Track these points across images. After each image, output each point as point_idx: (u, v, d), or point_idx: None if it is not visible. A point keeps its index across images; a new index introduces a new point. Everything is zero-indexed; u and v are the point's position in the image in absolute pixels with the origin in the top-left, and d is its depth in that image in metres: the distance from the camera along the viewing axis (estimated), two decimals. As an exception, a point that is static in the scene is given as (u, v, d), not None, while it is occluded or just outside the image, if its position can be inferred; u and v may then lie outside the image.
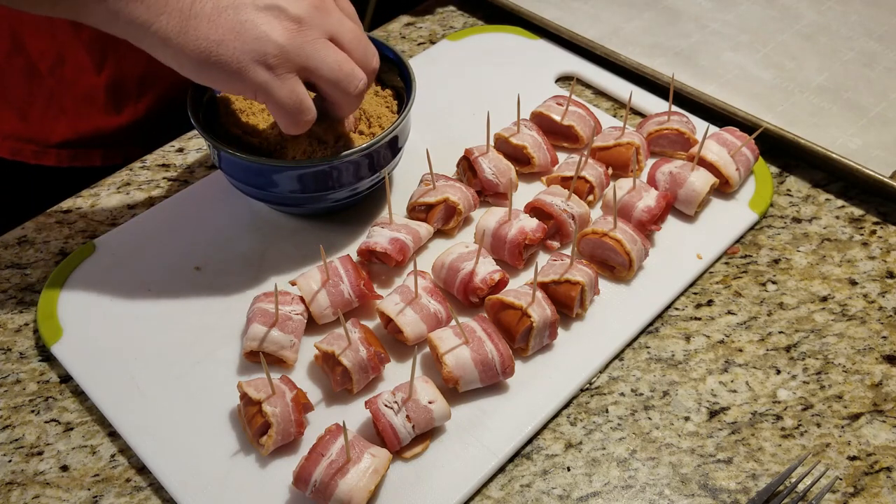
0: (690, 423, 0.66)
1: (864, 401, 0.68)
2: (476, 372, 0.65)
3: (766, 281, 0.77)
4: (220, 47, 0.60)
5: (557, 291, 0.70)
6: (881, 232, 0.81)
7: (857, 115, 0.89)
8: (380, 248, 0.72)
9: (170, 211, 0.81)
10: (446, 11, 1.09)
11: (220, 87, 0.65)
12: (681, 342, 0.72)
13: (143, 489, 0.63)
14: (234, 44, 0.60)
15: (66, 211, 0.83)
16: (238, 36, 0.60)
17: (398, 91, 0.80)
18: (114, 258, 0.76)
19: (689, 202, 0.79)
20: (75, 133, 0.89)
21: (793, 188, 0.85)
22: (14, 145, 0.89)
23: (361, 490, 0.57)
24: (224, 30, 0.60)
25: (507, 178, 0.80)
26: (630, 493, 0.62)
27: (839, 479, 0.63)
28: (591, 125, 0.86)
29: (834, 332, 0.73)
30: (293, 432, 0.62)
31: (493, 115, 0.80)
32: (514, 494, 0.62)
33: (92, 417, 0.67)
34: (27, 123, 0.89)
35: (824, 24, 1.02)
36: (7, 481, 0.63)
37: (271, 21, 0.61)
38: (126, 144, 0.92)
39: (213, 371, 0.68)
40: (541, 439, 0.65)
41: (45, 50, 0.85)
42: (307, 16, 0.62)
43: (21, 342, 0.72)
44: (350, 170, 0.72)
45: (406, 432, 0.61)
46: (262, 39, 0.61)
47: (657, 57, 0.97)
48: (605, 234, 0.73)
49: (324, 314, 0.69)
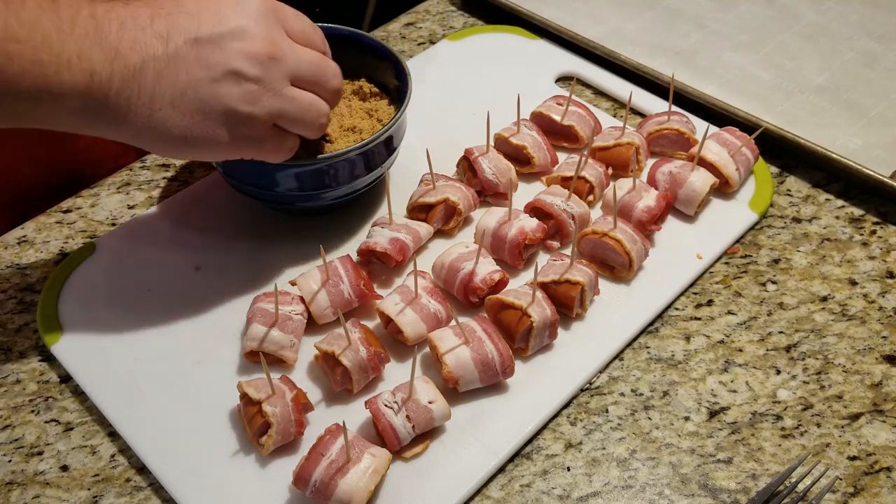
0: (690, 423, 0.66)
1: (864, 401, 0.68)
2: (476, 372, 0.65)
3: (766, 281, 0.77)
4: (193, 130, 0.60)
5: (557, 291, 0.70)
6: (881, 232, 0.81)
7: (857, 115, 0.89)
8: (380, 248, 0.72)
9: (170, 211, 0.81)
10: (446, 11, 1.09)
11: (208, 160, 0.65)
12: (681, 342, 0.72)
13: (143, 489, 0.63)
14: (205, 123, 0.60)
15: (66, 211, 0.83)
16: (206, 116, 0.60)
17: (396, 90, 0.80)
18: (114, 258, 0.76)
19: (689, 202, 0.79)
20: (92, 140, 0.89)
21: (793, 188, 0.85)
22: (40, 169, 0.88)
23: (361, 490, 0.57)
24: (191, 112, 0.60)
25: (507, 178, 0.80)
26: (630, 493, 0.62)
27: (839, 479, 0.63)
28: (591, 125, 0.86)
29: (834, 332, 0.73)
30: (293, 432, 0.62)
31: (493, 115, 0.80)
32: (514, 494, 0.62)
33: (92, 417, 0.67)
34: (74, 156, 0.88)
35: (824, 24, 1.02)
36: (7, 481, 0.63)
37: (231, 91, 0.60)
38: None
39: (213, 371, 0.68)
40: (541, 439, 0.65)
41: None
42: (264, 73, 0.61)
43: (21, 342, 0.72)
44: (346, 168, 0.72)
45: (406, 432, 0.61)
46: (229, 113, 0.60)
47: (657, 57, 0.97)
48: (605, 234, 0.73)
49: (324, 314, 0.69)
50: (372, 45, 0.80)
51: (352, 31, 0.80)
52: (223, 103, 0.60)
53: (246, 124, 0.62)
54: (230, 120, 0.61)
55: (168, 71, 0.58)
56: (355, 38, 0.80)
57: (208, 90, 0.59)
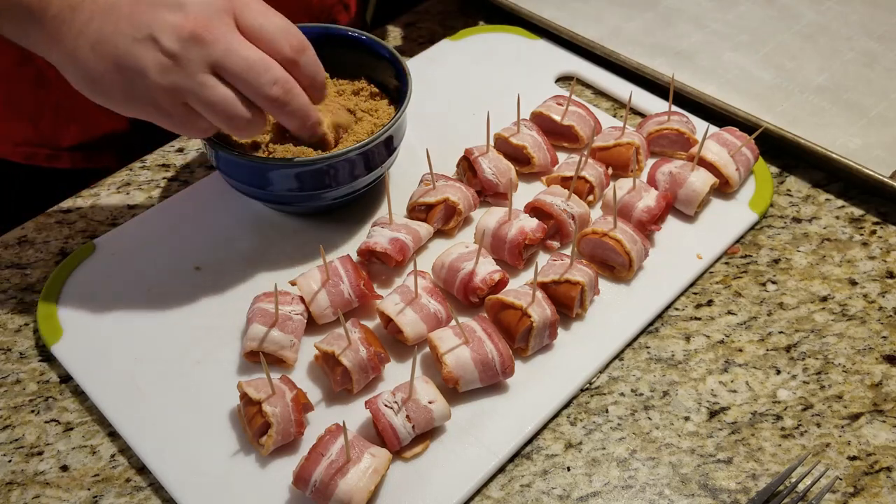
0: (690, 423, 0.66)
1: (864, 401, 0.68)
2: (476, 372, 0.65)
3: (766, 281, 0.77)
4: (103, 77, 0.61)
5: (557, 291, 0.70)
6: (881, 232, 0.81)
7: (857, 115, 0.89)
8: (380, 248, 0.72)
9: (170, 211, 0.81)
10: (446, 11, 1.09)
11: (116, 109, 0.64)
12: (681, 342, 0.72)
13: (143, 489, 0.63)
14: (114, 75, 0.61)
15: (66, 211, 0.83)
16: (118, 69, 0.61)
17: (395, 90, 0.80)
18: (114, 258, 0.76)
19: (689, 202, 0.79)
20: (86, 136, 0.90)
21: (793, 188, 0.85)
22: (27, 150, 0.90)
23: (361, 490, 0.57)
24: (105, 60, 0.61)
25: (507, 178, 0.80)
26: (630, 493, 0.62)
27: (839, 479, 0.63)
28: (591, 125, 0.86)
29: (834, 332, 0.73)
30: (293, 432, 0.62)
31: (493, 115, 0.80)
32: (514, 494, 0.62)
33: (92, 417, 0.67)
34: (38, 130, 0.89)
35: (824, 24, 1.02)
36: (7, 481, 0.63)
37: (146, 54, 0.60)
38: (137, 146, 0.92)
39: (213, 371, 0.68)
40: (541, 439, 0.65)
41: None
42: (182, 51, 0.60)
43: (21, 342, 0.72)
44: (346, 168, 0.72)
45: (406, 432, 0.61)
46: (138, 74, 0.61)
47: (657, 57, 0.97)
48: (605, 234, 0.73)
49: (324, 314, 0.69)
50: (372, 45, 0.80)
51: (352, 31, 0.80)
52: (135, 63, 0.60)
53: (150, 91, 0.61)
54: (137, 81, 0.61)
55: (100, 16, 0.61)
56: (355, 39, 0.80)
57: (126, 46, 0.60)
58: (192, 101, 0.62)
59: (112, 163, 0.91)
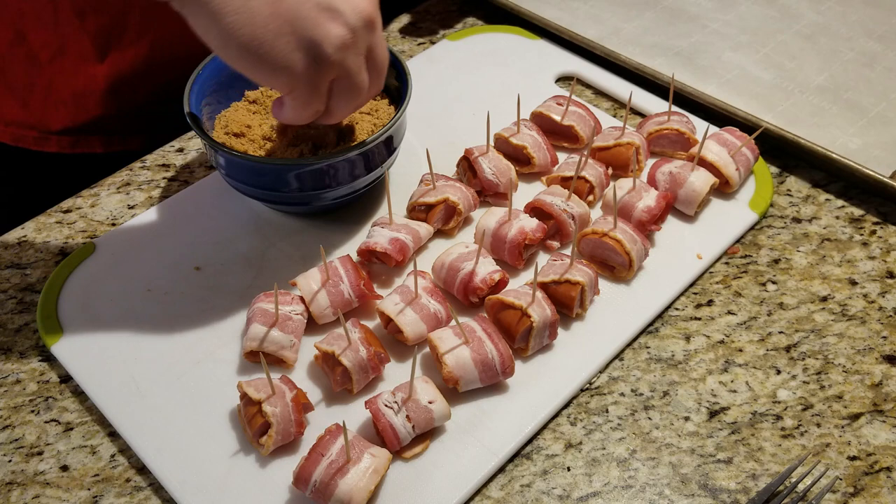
0: (690, 423, 0.66)
1: (864, 401, 0.68)
2: (476, 372, 0.65)
3: (766, 281, 0.77)
4: (275, 40, 0.57)
5: (557, 291, 0.70)
6: (881, 232, 0.81)
7: (857, 115, 0.89)
8: (380, 248, 0.72)
9: (170, 211, 0.81)
10: (446, 11, 1.09)
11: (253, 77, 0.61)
12: (681, 342, 0.72)
13: (143, 489, 0.63)
14: (287, 39, 0.58)
15: (66, 211, 0.83)
16: (293, 32, 0.58)
17: (395, 90, 0.80)
18: (114, 258, 0.76)
19: (689, 202, 0.79)
20: (74, 121, 0.90)
21: (793, 188, 0.85)
22: (16, 132, 0.90)
23: (361, 490, 0.57)
24: (282, 19, 0.57)
25: (507, 178, 0.80)
26: (630, 493, 0.62)
27: (839, 479, 0.63)
28: (591, 125, 0.86)
29: (834, 332, 0.73)
30: (293, 432, 0.62)
31: (493, 115, 0.80)
32: (514, 494, 0.62)
33: (92, 417, 0.67)
34: (28, 111, 0.90)
35: (824, 24, 1.02)
36: (7, 481, 0.63)
37: (329, 25, 0.58)
38: (126, 133, 0.92)
39: (213, 371, 0.68)
40: (541, 439, 0.65)
41: (47, 41, 0.86)
42: (360, 30, 0.60)
43: (21, 342, 0.72)
44: (346, 168, 0.72)
45: (406, 432, 0.61)
46: (313, 43, 0.58)
47: (657, 57, 0.97)
48: (605, 234, 0.73)
49: (324, 314, 0.69)
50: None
51: None
52: (314, 31, 0.58)
53: (317, 60, 0.59)
54: (309, 49, 0.59)
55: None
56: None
57: (309, 11, 0.58)
58: (341, 82, 0.62)
59: (98, 148, 0.92)
